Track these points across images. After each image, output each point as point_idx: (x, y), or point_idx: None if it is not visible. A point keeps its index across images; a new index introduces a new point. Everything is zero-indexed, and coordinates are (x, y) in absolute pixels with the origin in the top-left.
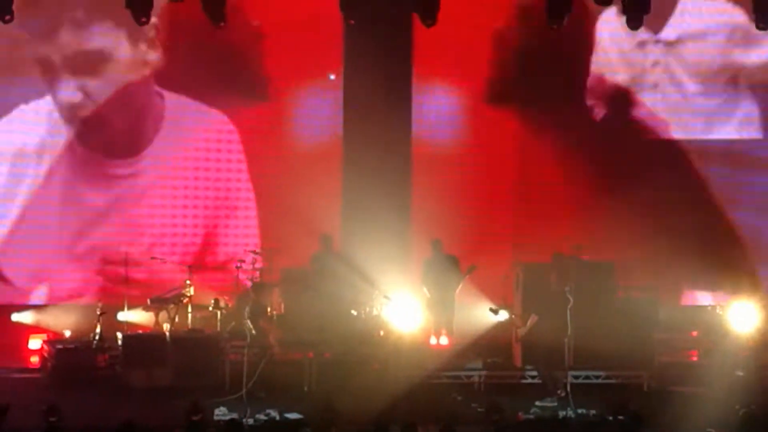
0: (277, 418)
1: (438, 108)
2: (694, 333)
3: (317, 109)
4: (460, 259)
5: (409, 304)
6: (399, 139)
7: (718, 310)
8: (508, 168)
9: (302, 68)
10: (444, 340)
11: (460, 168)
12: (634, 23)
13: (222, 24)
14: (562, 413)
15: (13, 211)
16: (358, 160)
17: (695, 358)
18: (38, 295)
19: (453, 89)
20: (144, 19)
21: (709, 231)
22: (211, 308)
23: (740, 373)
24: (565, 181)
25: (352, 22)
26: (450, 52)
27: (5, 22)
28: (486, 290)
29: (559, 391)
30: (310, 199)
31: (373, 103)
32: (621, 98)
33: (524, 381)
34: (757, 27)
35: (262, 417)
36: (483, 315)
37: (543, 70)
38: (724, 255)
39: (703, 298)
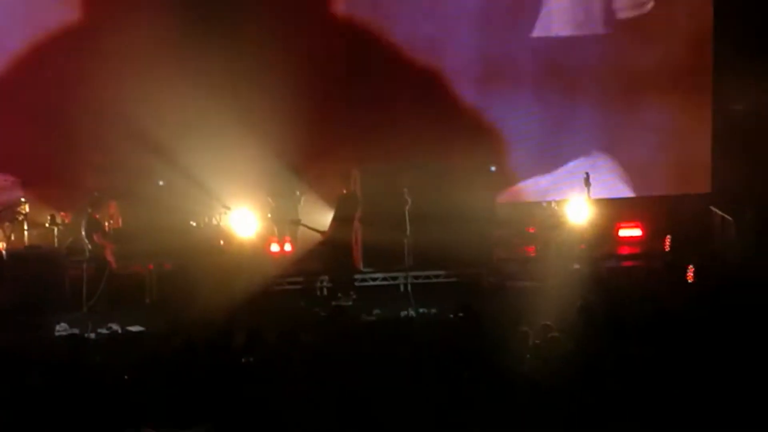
0: (120, 331)
1: None
2: (531, 229)
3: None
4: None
5: (249, 212)
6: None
7: (553, 206)
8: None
9: None
10: (288, 247)
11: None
12: None
13: None
14: (403, 313)
15: None
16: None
17: (532, 254)
18: None
19: None
20: None
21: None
22: (47, 224)
23: (576, 267)
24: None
25: None
26: None
27: None
28: (330, 196)
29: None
30: (147, 109)
31: None
32: None
33: (365, 284)
34: None
35: (104, 331)
36: (327, 221)
37: None
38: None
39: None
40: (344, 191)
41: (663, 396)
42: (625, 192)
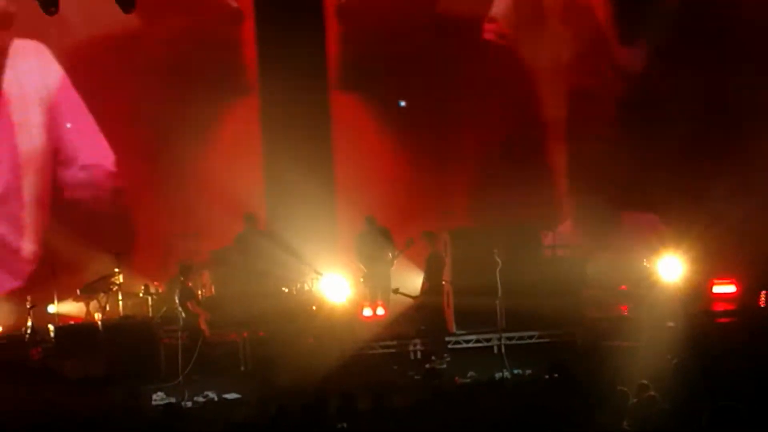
0: (216, 399)
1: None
2: (624, 287)
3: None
4: (391, 231)
5: (340, 278)
6: (318, 112)
7: (645, 263)
8: (428, 135)
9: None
10: (381, 312)
11: (380, 137)
12: None
13: (131, 10)
14: (498, 375)
15: None
16: (279, 136)
17: (626, 312)
18: None
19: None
20: (52, 9)
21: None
22: (141, 294)
23: (671, 324)
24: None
25: None
26: None
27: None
28: (421, 260)
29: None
30: (233, 179)
31: (288, 78)
32: None
33: (458, 346)
34: None
35: (200, 399)
36: (418, 284)
37: None
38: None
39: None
40: (431, 252)
41: None
42: None
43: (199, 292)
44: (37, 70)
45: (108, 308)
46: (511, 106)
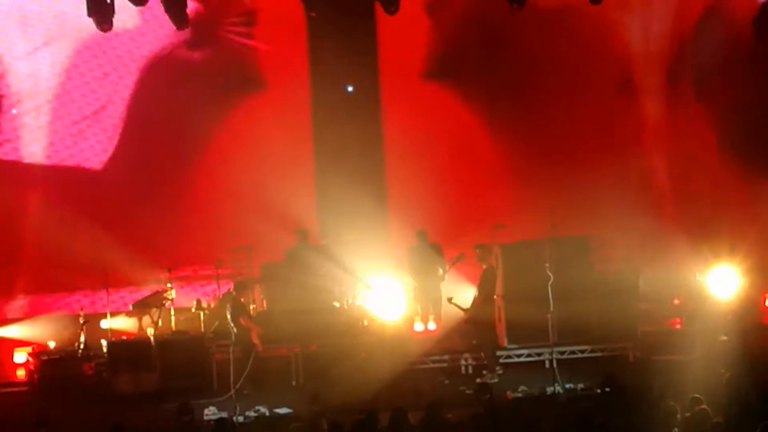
0: (267, 413)
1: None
2: (676, 300)
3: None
4: (442, 246)
5: (391, 292)
6: (369, 127)
7: (698, 276)
8: (479, 150)
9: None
10: (432, 326)
11: (432, 152)
12: None
13: (185, 26)
14: (550, 389)
15: None
16: (330, 150)
17: (678, 326)
18: (15, 308)
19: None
20: (106, 26)
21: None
22: (193, 309)
23: (723, 338)
24: (538, 161)
25: (314, 14)
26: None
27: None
28: (472, 274)
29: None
30: (284, 193)
31: (340, 92)
32: None
33: (510, 360)
34: None
35: (252, 414)
36: (469, 299)
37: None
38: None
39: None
40: (483, 266)
41: None
42: None
43: (251, 307)
44: None
45: (160, 323)
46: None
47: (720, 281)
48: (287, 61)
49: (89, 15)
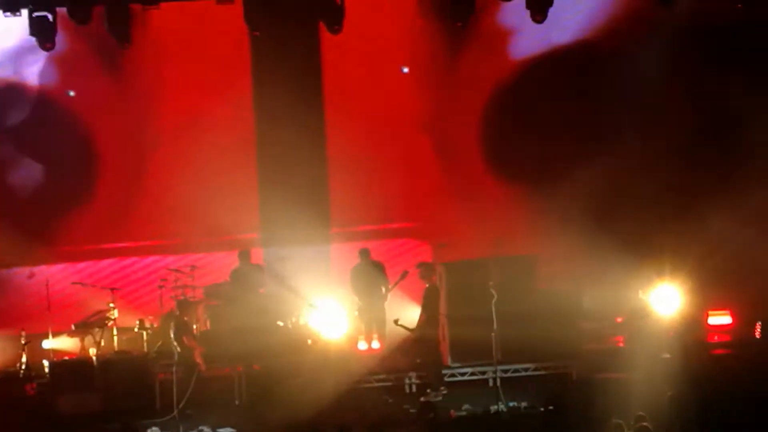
0: None
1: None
2: (619, 319)
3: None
4: (385, 265)
5: (335, 311)
6: (313, 143)
7: (641, 295)
8: (423, 165)
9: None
10: (376, 345)
11: (375, 166)
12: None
13: (127, 45)
14: (493, 407)
15: None
16: (273, 170)
17: (621, 344)
18: None
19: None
20: (48, 45)
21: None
22: (136, 329)
23: (666, 356)
24: (482, 178)
25: (257, 33)
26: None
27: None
28: (415, 292)
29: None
30: (227, 208)
31: (283, 108)
32: None
33: (454, 379)
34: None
35: None
36: (413, 317)
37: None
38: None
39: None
40: (426, 285)
41: None
42: None
43: (194, 327)
44: None
45: (103, 343)
46: None
47: (663, 299)
48: (230, 83)
49: (31, 35)
